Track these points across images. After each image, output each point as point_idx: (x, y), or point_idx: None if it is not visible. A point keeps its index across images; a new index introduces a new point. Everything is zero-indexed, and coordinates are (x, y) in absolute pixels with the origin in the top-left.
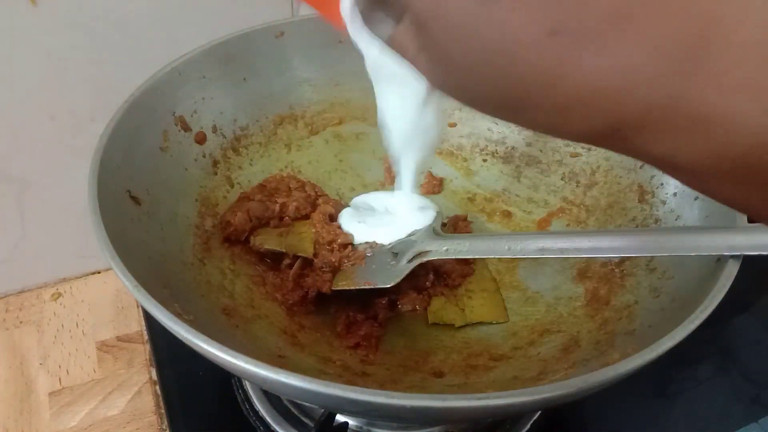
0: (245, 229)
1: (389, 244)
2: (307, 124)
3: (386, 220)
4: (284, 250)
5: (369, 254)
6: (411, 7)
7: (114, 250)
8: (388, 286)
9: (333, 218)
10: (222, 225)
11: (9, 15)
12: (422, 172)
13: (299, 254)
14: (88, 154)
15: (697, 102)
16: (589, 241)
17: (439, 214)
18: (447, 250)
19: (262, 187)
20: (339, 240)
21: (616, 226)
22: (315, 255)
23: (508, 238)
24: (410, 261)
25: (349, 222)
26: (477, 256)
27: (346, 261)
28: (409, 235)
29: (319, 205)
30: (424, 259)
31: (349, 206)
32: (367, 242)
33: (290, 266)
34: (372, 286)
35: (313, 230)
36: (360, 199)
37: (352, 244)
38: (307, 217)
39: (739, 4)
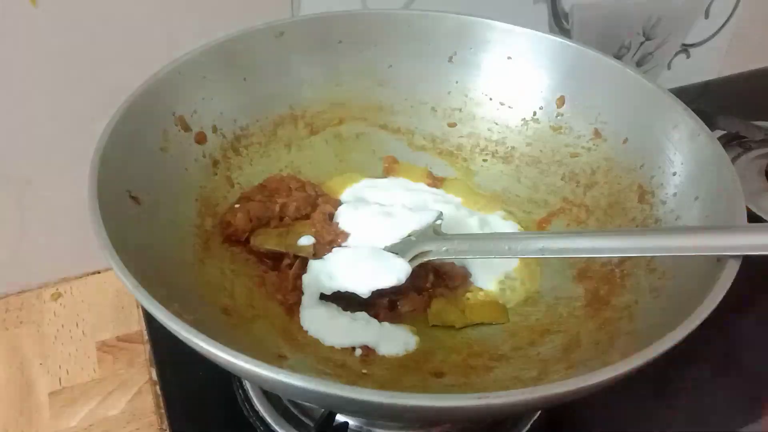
0: (245, 230)
1: (389, 244)
2: (307, 124)
3: (385, 219)
4: (284, 250)
5: None
6: None
7: (114, 250)
8: (389, 286)
9: (333, 218)
10: (222, 225)
11: (9, 15)
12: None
13: (299, 254)
14: (88, 154)
15: None
16: (589, 241)
17: (439, 214)
18: (447, 250)
19: (262, 187)
20: (339, 240)
21: (616, 226)
22: (315, 255)
23: (509, 238)
24: (410, 261)
25: (347, 221)
26: (477, 257)
27: None
28: (409, 235)
29: (319, 205)
30: (424, 259)
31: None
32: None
33: (290, 266)
34: None
35: (313, 230)
36: (352, 193)
37: None
38: (307, 217)
39: None
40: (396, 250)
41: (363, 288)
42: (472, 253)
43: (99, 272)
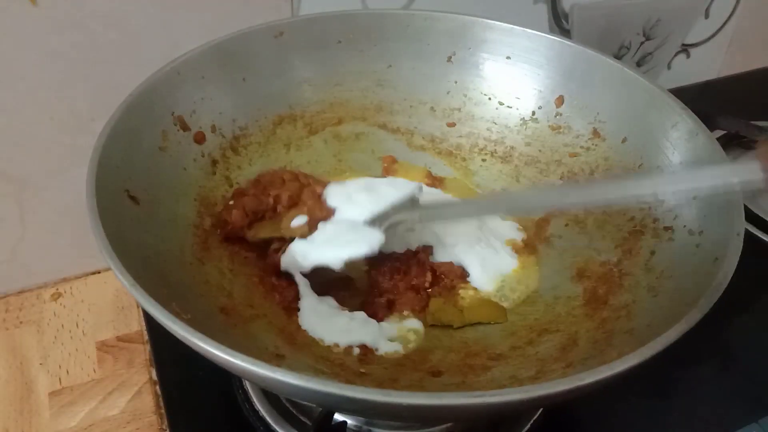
0: (242, 225)
1: (367, 217)
2: (306, 124)
3: (367, 194)
4: (279, 235)
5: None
6: None
7: (112, 249)
8: (362, 255)
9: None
10: (220, 224)
11: (9, 15)
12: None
13: (294, 236)
14: (88, 154)
15: None
16: (545, 198)
17: (419, 186)
18: (420, 216)
19: (256, 182)
20: (329, 217)
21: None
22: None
23: (477, 203)
24: (386, 231)
25: (335, 198)
26: (449, 220)
27: None
28: (390, 207)
29: (310, 185)
30: (399, 227)
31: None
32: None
33: (277, 251)
34: None
35: (305, 209)
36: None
37: None
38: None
39: None
40: (373, 221)
41: (335, 259)
42: (443, 216)
43: (99, 272)
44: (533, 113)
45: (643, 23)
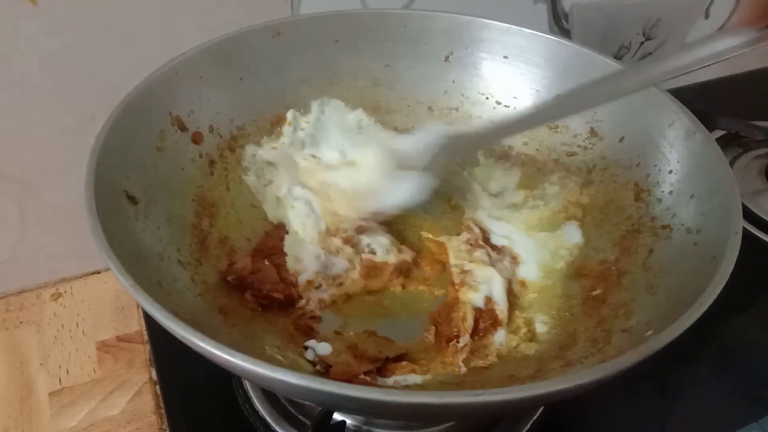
0: (243, 275)
1: None
2: None
3: None
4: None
5: None
6: None
7: (111, 250)
8: None
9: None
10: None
11: (9, 15)
12: None
13: None
14: (88, 154)
15: None
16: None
17: None
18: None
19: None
20: None
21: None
22: None
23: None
24: None
25: None
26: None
27: None
28: None
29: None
30: None
31: None
32: None
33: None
34: None
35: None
36: None
37: None
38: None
39: None
40: None
41: None
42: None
43: (99, 272)
44: None
45: (643, 23)
